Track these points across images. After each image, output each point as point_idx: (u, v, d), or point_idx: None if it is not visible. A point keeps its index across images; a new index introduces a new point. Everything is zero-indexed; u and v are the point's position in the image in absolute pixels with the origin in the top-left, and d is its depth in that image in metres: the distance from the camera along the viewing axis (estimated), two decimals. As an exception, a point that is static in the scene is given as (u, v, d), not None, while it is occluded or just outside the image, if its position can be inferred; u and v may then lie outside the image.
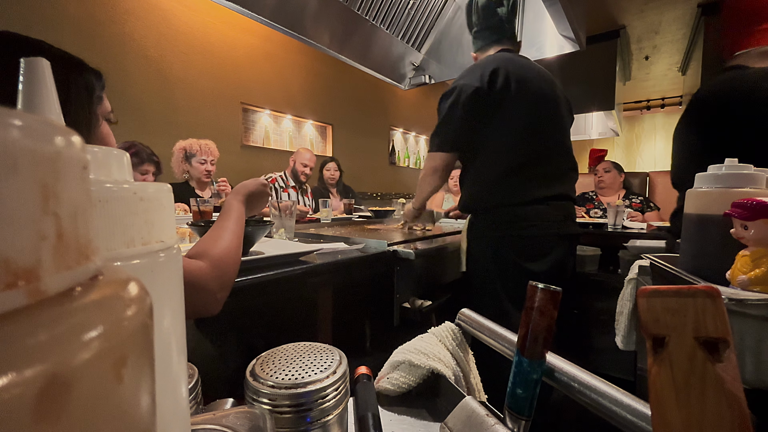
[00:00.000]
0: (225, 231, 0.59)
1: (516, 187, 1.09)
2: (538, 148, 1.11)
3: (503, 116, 1.10)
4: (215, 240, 0.56)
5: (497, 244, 1.11)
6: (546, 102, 1.14)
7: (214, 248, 0.54)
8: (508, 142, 1.10)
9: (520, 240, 1.09)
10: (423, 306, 1.04)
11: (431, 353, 0.43)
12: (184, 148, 2.00)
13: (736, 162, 0.61)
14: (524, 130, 1.09)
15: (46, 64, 0.18)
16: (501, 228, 1.10)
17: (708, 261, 0.62)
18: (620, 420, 0.27)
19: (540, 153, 1.11)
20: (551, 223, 1.10)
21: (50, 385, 0.06)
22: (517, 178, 1.10)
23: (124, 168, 0.18)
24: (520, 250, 1.09)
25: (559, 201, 1.13)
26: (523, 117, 1.09)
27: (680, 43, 3.20)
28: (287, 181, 2.47)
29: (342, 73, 3.42)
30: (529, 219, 1.08)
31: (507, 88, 1.08)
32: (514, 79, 1.08)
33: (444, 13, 2.21)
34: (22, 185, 0.07)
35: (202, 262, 0.51)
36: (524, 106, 1.09)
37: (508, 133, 1.10)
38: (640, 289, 0.22)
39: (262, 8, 1.53)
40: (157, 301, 0.11)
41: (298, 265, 0.80)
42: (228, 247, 0.56)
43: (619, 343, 0.85)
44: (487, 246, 1.12)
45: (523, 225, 1.08)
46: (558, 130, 1.17)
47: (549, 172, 1.13)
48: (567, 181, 1.18)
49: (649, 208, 2.29)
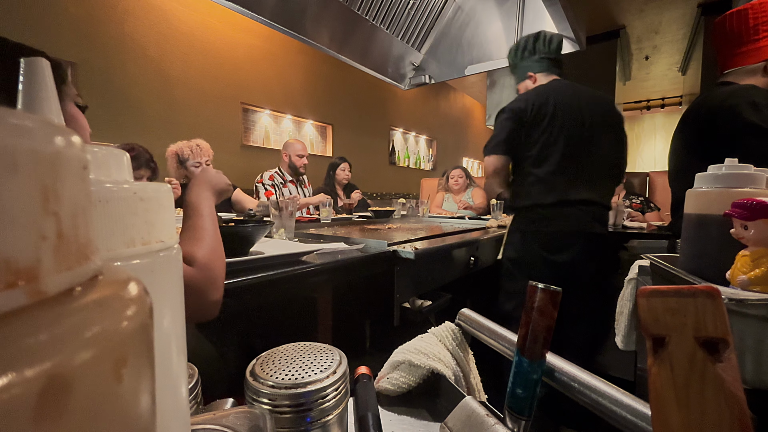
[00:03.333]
0: (204, 231, 0.56)
1: (547, 191, 1.30)
2: (570, 160, 1.30)
3: (538, 131, 1.31)
4: (196, 242, 0.54)
5: (526, 237, 1.33)
6: (582, 123, 1.32)
7: (198, 252, 0.52)
8: (542, 154, 1.31)
9: (544, 235, 1.30)
10: (423, 306, 1.04)
11: (431, 353, 0.43)
12: (176, 153, 1.92)
13: (736, 162, 0.61)
14: (556, 144, 1.30)
15: (46, 64, 0.18)
16: (531, 224, 1.33)
17: (708, 261, 0.62)
18: (620, 420, 0.27)
19: (572, 164, 1.31)
20: (574, 222, 1.29)
21: (50, 385, 0.06)
22: (547, 184, 1.30)
23: (124, 168, 0.18)
24: (544, 243, 1.30)
25: (587, 206, 1.32)
26: (562, 137, 1.30)
27: (680, 43, 3.20)
28: (284, 177, 2.42)
29: (342, 73, 3.42)
30: (554, 218, 1.29)
31: (553, 114, 1.30)
32: (561, 108, 1.30)
33: (444, 13, 2.21)
34: (22, 185, 0.07)
35: (189, 268, 0.50)
36: (558, 124, 1.30)
37: (542, 146, 1.31)
38: (640, 289, 0.22)
39: (262, 8, 1.53)
40: (157, 301, 0.11)
41: (298, 265, 0.80)
42: (212, 248, 0.54)
43: (619, 343, 0.85)
44: (519, 238, 1.36)
45: (547, 222, 1.30)
46: (592, 143, 1.35)
47: (580, 179, 1.31)
48: (600, 189, 1.36)
49: (649, 208, 2.29)
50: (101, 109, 2.06)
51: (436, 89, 4.87)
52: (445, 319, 0.49)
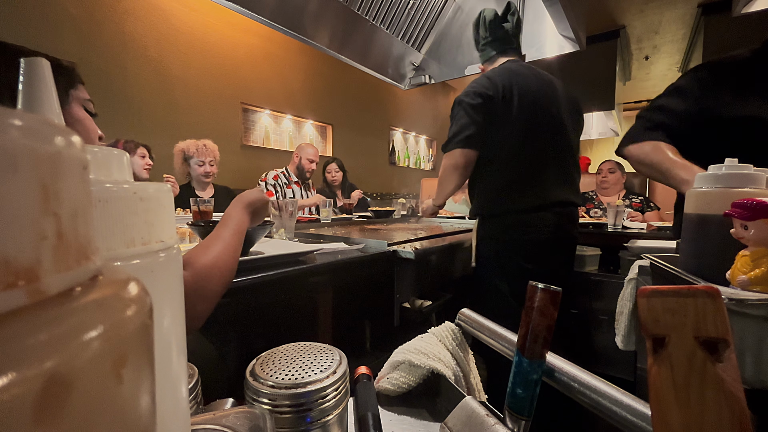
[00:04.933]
0: (217, 241, 0.54)
1: (520, 195, 1.16)
2: (541, 156, 1.17)
3: (506, 126, 1.15)
4: (204, 249, 0.52)
5: (502, 247, 1.18)
6: (549, 109, 1.18)
7: (200, 258, 0.50)
8: (511, 152, 1.16)
9: (522, 244, 1.16)
10: (423, 306, 1.04)
11: (431, 353, 0.43)
12: (183, 150, 1.99)
13: (736, 162, 0.61)
14: (526, 140, 1.15)
15: (46, 64, 0.18)
16: (506, 232, 1.18)
17: (708, 261, 0.62)
18: (620, 420, 0.27)
19: (543, 160, 1.17)
20: (553, 228, 1.17)
21: (50, 385, 0.06)
22: (521, 186, 1.16)
23: (124, 168, 0.18)
24: (523, 252, 1.16)
25: (563, 207, 1.20)
26: (525, 127, 1.14)
27: (680, 43, 3.20)
28: (290, 177, 2.45)
29: (342, 73, 3.42)
30: (532, 224, 1.16)
31: (510, 99, 1.14)
32: (517, 91, 1.14)
33: (444, 13, 2.21)
34: (22, 185, 0.07)
35: (183, 271, 0.49)
36: (526, 116, 1.15)
37: (511, 143, 1.15)
38: (640, 289, 0.22)
39: (262, 8, 1.53)
40: (157, 301, 0.11)
41: (298, 265, 0.80)
42: (216, 257, 0.51)
43: (619, 343, 0.85)
44: (493, 248, 1.20)
45: (525, 230, 1.16)
46: (562, 137, 1.21)
47: (553, 178, 1.18)
48: (572, 186, 1.24)
49: (649, 208, 2.29)
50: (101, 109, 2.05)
51: (436, 89, 4.86)
52: (445, 319, 0.49)
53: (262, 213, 0.68)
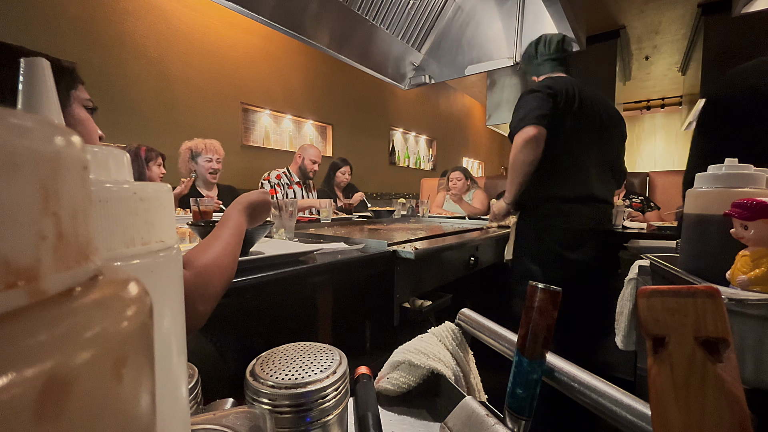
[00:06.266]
0: (217, 241, 0.55)
1: (563, 184, 1.27)
2: (587, 155, 1.29)
3: (566, 121, 1.25)
4: (204, 249, 0.52)
5: (540, 234, 1.30)
6: (600, 115, 1.31)
7: (200, 257, 0.50)
8: (562, 147, 1.26)
9: (560, 231, 1.28)
10: (423, 306, 1.04)
11: (431, 353, 0.43)
12: (190, 148, 2.01)
13: (736, 162, 0.61)
14: (577, 137, 1.27)
15: (46, 64, 0.18)
16: (545, 219, 1.29)
17: (708, 261, 0.62)
18: (620, 420, 0.27)
19: (588, 159, 1.29)
20: (589, 220, 1.29)
21: (50, 385, 0.06)
22: (564, 176, 1.27)
23: (123, 168, 0.18)
24: (560, 239, 1.27)
25: (601, 203, 1.32)
26: (580, 126, 1.27)
27: (680, 43, 3.20)
28: (291, 178, 2.45)
29: (342, 73, 3.42)
30: (571, 214, 1.27)
31: (573, 98, 1.26)
32: (579, 94, 1.26)
33: (444, 13, 2.21)
34: (22, 185, 0.07)
35: (183, 270, 0.49)
36: (583, 116, 1.27)
37: (563, 137, 1.25)
38: (640, 289, 0.22)
39: (262, 8, 1.53)
40: (157, 301, 0.11)
41: (298, 265, 0.80)
42: (216, 257, 0.52)
43: (619, 343, 0.85)
44: (532, 236, 1.32)
45: (566, 219, 1.27)
46: (608, 141, 1.34)
47: (595, 176, 1.29)
48: (609, 187, 1.38)
49: (650, 208, 2.29)
50: (101, 109, 2.05)
51: (436, 89, 4.86)
52: (445, 319, 0.49)
53: (262, 214, 0.68)
